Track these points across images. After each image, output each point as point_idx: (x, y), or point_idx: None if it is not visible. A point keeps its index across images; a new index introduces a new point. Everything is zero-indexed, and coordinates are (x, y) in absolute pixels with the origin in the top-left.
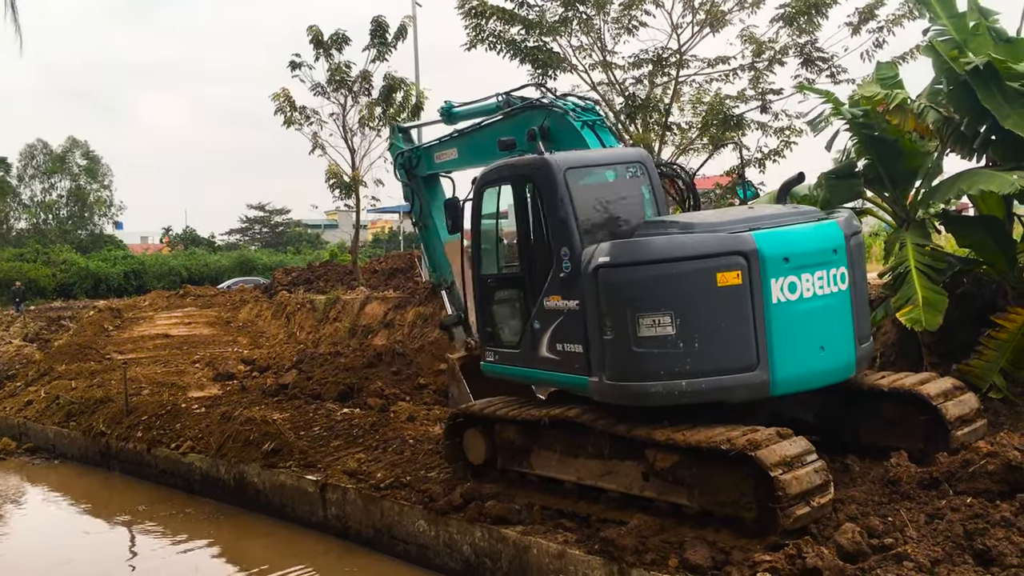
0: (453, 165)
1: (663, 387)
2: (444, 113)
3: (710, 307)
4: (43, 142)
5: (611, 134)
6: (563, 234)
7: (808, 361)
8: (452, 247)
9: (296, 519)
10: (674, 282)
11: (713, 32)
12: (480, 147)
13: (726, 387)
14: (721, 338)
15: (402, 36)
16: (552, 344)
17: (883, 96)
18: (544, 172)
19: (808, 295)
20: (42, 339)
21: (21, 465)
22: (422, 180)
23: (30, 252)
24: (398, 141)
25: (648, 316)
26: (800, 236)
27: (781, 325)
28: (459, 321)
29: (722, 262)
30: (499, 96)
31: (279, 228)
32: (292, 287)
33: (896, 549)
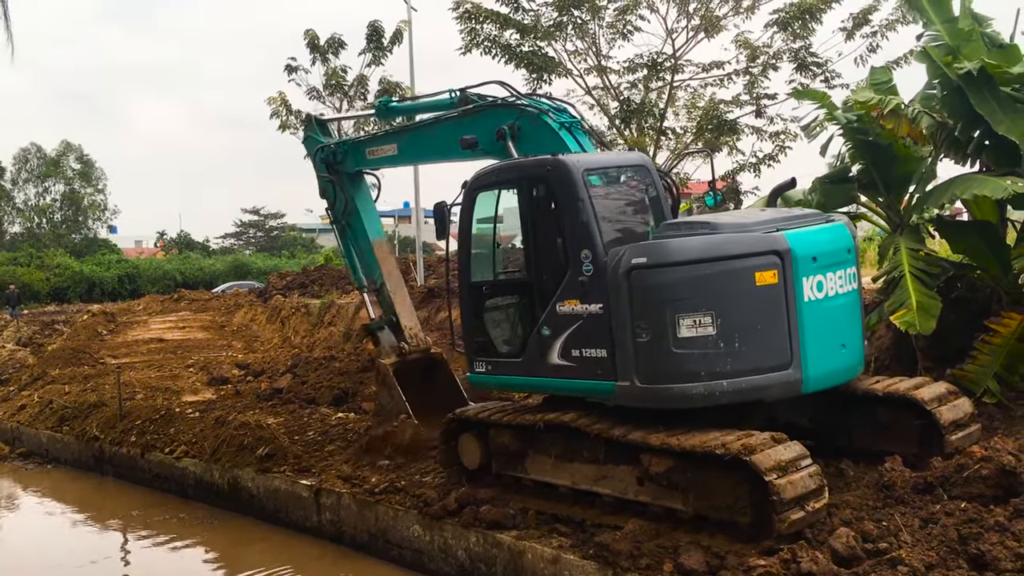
0: (390, 162)
1: (704, 388)
2: (381, 108)
3: (749, 306)
4: (37, 146)
5: (588, 137)
6: (584, 237)
7: (832, 359)
8: (381, 247)
9: (290, 524)
10: (714, 282)
11: (708, 37)
12: (428, 144)
13: (764, 386)
14: (759, 337)
15: (398, 40)
16: (566, 350)
17: (877, 101)
18: (562, 174)
19: (831, 294)
20: (36, 343)
21: (14, 470)
22: (347, 176)
23: (24, 256)
24: (315, 134)
25: (689, 316)
26: (823, 236)
27: (811, 323)
28: (388, 325)
29: (760, 261)
30: (452, 92)
31: (274, 232)
32: (287, 291)
33: (890, 554)
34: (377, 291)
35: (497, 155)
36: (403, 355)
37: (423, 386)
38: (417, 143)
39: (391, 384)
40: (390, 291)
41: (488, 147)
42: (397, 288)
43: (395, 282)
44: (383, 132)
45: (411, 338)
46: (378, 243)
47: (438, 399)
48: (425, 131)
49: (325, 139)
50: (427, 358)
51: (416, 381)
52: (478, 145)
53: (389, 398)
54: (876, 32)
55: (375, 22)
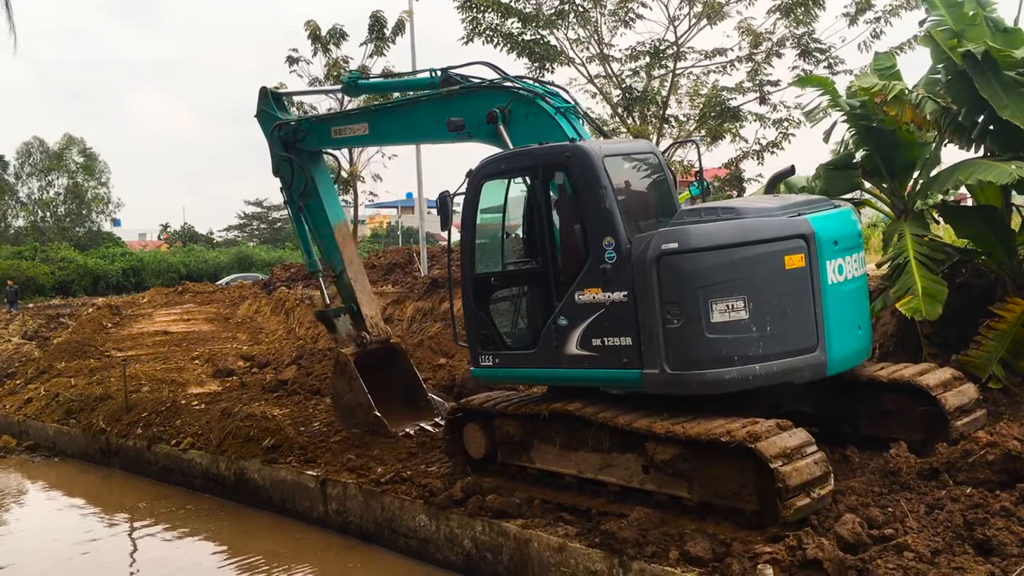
0: (358, 142)
1: (738, 372)
2: (349, 83)
3: (779, 290)
4: (40, 140)
5: (582, 122)
6: (606, 224)
7: (852, 341)
8: (342, 231)
9: (297, 515)
10: (746, 266)
11: (710, 24)
12: (406, 125)
13: (793, 368)
14: (788, 320)
15: (400, 31)
16: (586, 340)
17: (880, 87)
18: (582, 160)
19: (849, 277)
20: (41, 337)
21: (21, 463)
22: (306, 155)
23: (28, 250)
24: (271, 108)
25: (722, 301)
26: (838, 220)
27: (835, 306)
28: (346, 311)
29: (788, 245)
30: (433, 72)
31: (277, 224)
32: (291, 283)
33: (896, 540)
34: (336, 278)
35: (484, 138)
36: (363, 345)
37: (383, 376)
38: (392, 123)
39: (352, 375)
40: (351, 278)
41: (474, 130)
42: (358, 275)
43: (356, 268)
44: (353, 110)
45: (372, 327)
46: (339, 227)
47: (397, 390)
48: (403, 110)
49: (282, 114)
50: (387, 348)
51: (377, 371)
52: (464, 127)
53: (348, 389)
54: (879, 18)
55: (377, 12)
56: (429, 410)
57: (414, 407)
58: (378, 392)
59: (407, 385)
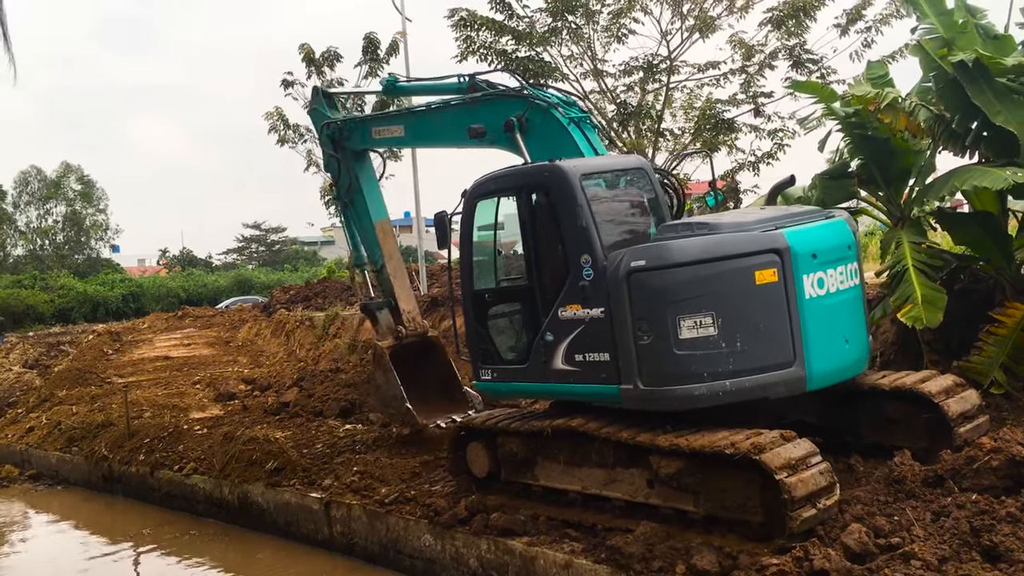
0: (396, 143)
1: (707, 388)
2: (387, 85)
3: (749, 305)
4: (37, 168)
5: (596, 132)
6: (583, 242)
7: (837, 355)
8: (384, 227)
9: (301, 537)
10: (714, 282)
11: (703, 37)
12: (436, 129)
13: (767, 384)
14: (761, 336)
15: (394, 52)
16: (570, 355)
17: (874, 95)
18: (559, 180)
19: (833, 290)
20: (42, 365)
21: (24, 492)
22: (351, 154)
23: (28, 278)
24: (322, 107)
25: (689, 317)
26: (822, 232)
27: (813, 320)
28: (386, 306)
29: (759, 260)
30: (461, 77)
31: (276, 246)
32: (291, 305)
33: (903, 548)
34: (377, 272)
35: (503, 146)
36: (400, 338)
37: (419, 369)
38: (424, 126)
39: (387, 367)
40: (390, 273)
41: (496, 137)
42: (397, 270)
43: (395, 264)
44: (392, 111)
45: (409, 322)
46: (380, 224)
47: (434, 383)
48: (433, 115)
49: (331, 113)
50: (424, 341)
51: (412, 364)
52: (486, 134)
53: (385, 381)
54: (870, 27)
55: (371, 34)
56: (464, 403)
57: (449, 399)
58: (414, 384)
59: (443, 378)
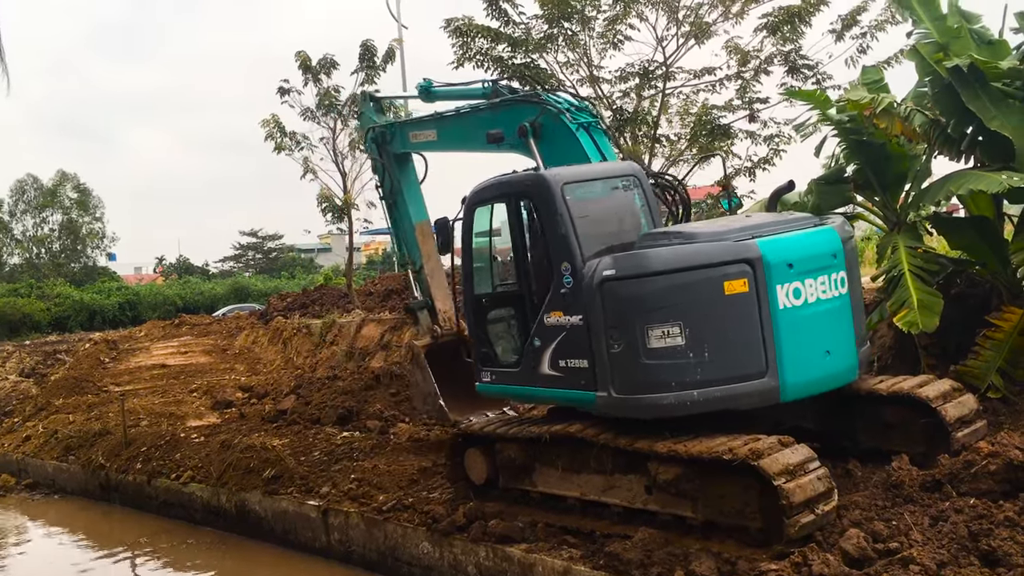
0: (430, 147)
1: (675, 398)
2: (422, 91)
3: (718, 316)
4: (33, 177)
5: (606, 137)
6: (563, 249)
7: (815, 366)
8: (423, 229)
9: (299, 545)
10: (682, 292)
11: (698, 44)
12: (462, 133)
13: (737, 395)
14: (730, 346)
15: (390, 59)
16: (555, 361)
17: (869, 100)
18: (541, 188)
19: (812, 300)
20: (38, 374)
21: (21, 501)
22: (394, 157)
23: (24, 287)
24: (369, 111)
25: (657, 327)
26: (802, 242)
27: (788, 331)
28: (425, 306)
29: (728, 270)
30: (485, 83)
31: (273, 254)
32: (288, 312)
33: (901, 553)
34: (416, 273)
35: (521, 151)
36: (436, 337)
37: (455, 367)
38: (453, 131)
39: (422, 365)
40: (428, 274)
41: (513, 142)
42: (435, 271)
43: (433, 265)
44: (426, 116)
45: (444, 321)
46: (420, 226)
47: (469, 381)
48: (459, 120)
49: (378, 117)
50: (459, 340)
51: (447, 363)
52: (504, 140)
53: (421, 379)
54: (865, 33)
55: (367, 41)
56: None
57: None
58: (449, 382)
59: None
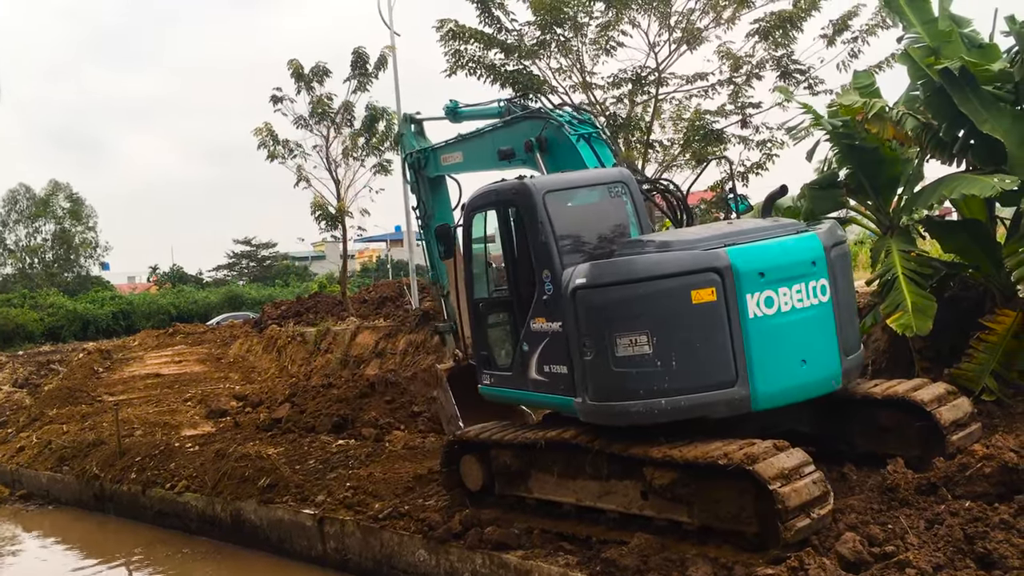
0: (459, 168)
1: (643, 406)
2: (449, 112)
3: (686, 324)
4: (25, 186)
5: (607, 146)
6: (544, 257)
7: (789, 375)
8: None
9: (295, 554)
10: (649, 301)
11: (690, 49)
12: (482, 153)
13: (706, 403)
14: (698, 355)
15: (383, 66)
16: (540, 366)
17: (861, 105)
18: (524, 197)
19: (786, 309)
20: (32, 384)
21: (15, 512)
22: (428, 181)
23: (17, 297)
24: (409, 135)
25: (625, 336)
26: (776, 250)
27: (759, 340)
28: (451, 330)
29: (696, 279)
30: (500, 102)
31: (266, 262)
32: (282, 320)
33: (897, 556)
34: (444, 297)
35: (531, 166)
36: (459, 361)
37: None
38: (475, 151)
39: (445, 388)
40: (454, 301)
41: (524, 157)
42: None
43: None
44: (453, 139)
45: (468, 347)
46: None
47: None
48: (478, 140)
49: (417, 141)
50: None
51: (471, 386)
52: (515, 156)
53: (445, 400)
54: (856, 37)
55: (360, 49)
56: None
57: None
58: (472, 405)
59: None
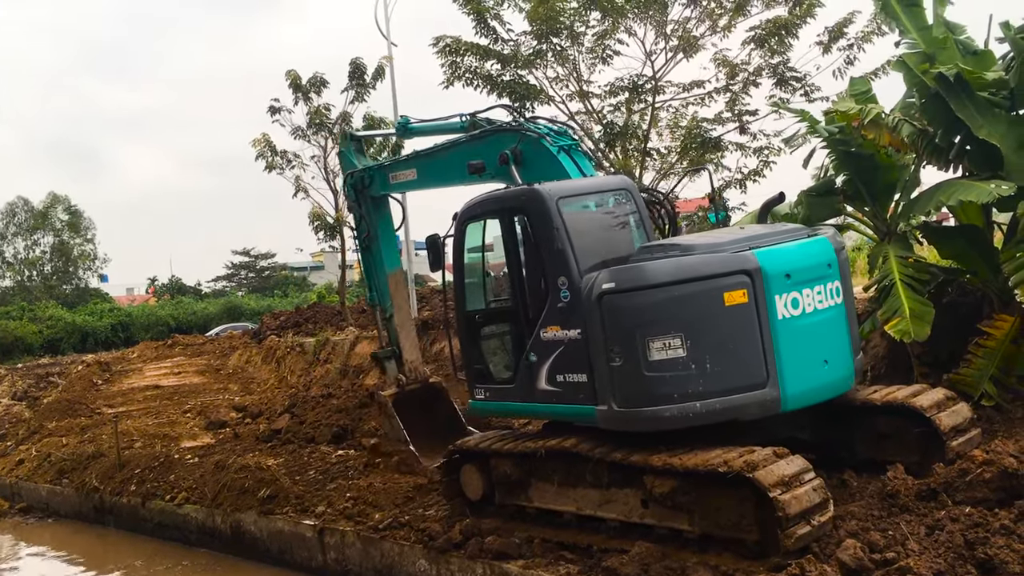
0: (411, 186)
1: (677, 410)
2: (400, 128)
3: (719, 327)
4: (24, 199)
5: (587, 159)
6: (560, 264)
7: (814, 375)
8: (395, 279)
9: (295, 565)
10: (682, 304)
11: (687, 57)
12: (443, 169)
13: (739, 406)
14: (731, 357)
15: (380, 77)
16: (552, 376)
17: (857, 111)
18: (536, 203)
19: (809, 310)
20: (31, 397)
21: (15, 525)
22: (371, 200)
23: (16, 310)
24: (349, 152)
25: (658, 339)
26: (798, 252)
27: (787, 341)
28: (393, 355)
29: (728, 281)
30: (463, 116)
31: (265, 272)
32: (281, 331)
33: (898, 563)
34: (386, 320)
35: (503, 179)
36: (402, 386)
37: (425, 415)
38: (433, 168)
39: (390, 414)
40: (397, 324)
41: (495, 171)
42: (405, 321)
43: (404, 316)
44: (405, 156)
45: (411, 371)
46: (393, 275)
47: (439, 427)
48: (439, 155)
49: (357, 159)
50: (427, 388)
51: (417, 411)
52: (485, 170)
53: (390, 427)
54: (852, 44)
55: (357, 59)
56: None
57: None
58: (421, 429)
59: (449, 420)
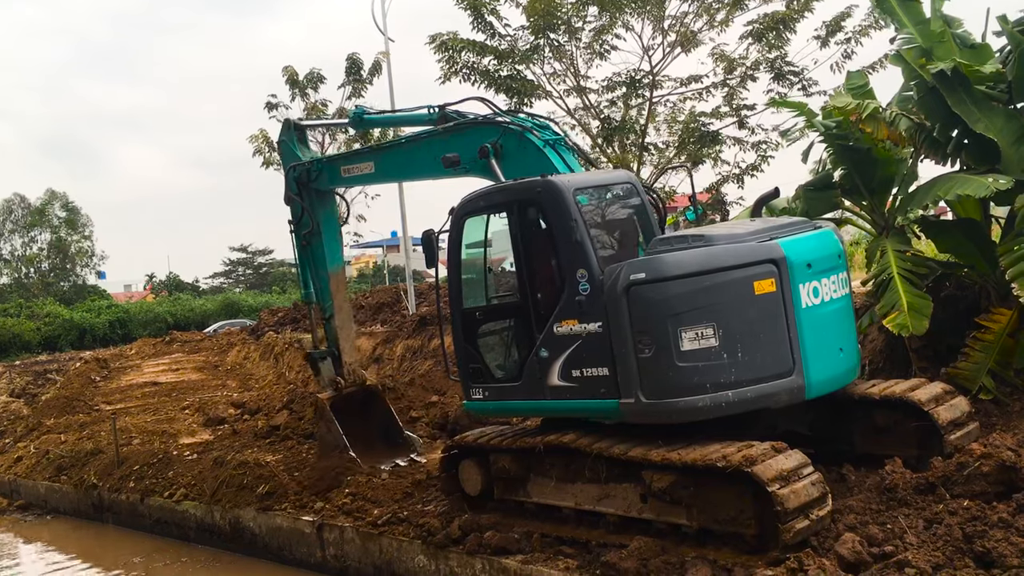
0: (366, 180)
1: (710, 399)
2: (355, 118)
3: (749, 316)
4: (21, 196)
5: (572, 153)
6: (579, 256)
7: (832, 363)
8: (338, 277)
9: (294, 561)
10: (714, 293)
11: (684, 52)
12: (408, 162)
13: (769, 394)
14: (761, 346)
15: (377, 72)
16: (566, 371)
17: (855, 106)
18: (553, 195)
19: (827, 299)
20: (29, 394)
21: (13, 523)
22: (316, 194)
23: (13, 307)
24: (292, 143)
25: (690, 329)
26: (814, 243)
27: (810, 329)
28: (329, 356)
29: (758, 270)
30: (431, 109)
31: (263, 269)
32: (279, 327)
33: (897, 556)
34: (325, 321)
35: (479, 173)
36: (339, 389)
37: (362, 418)
38: (395, 160)
39: (328, 418)
40: (337, 325)
41: (470, 165)
42: (345, 322)
43: (344, 316)
44: (361, 149)
45: (348, 373)
46: (335, 273)
47: (377, 430)
48: (404, 148)
49: (300, 150)
50: (364, 391)
51: (357, 413)
52: (460, 163)
53: (327, 431)
54: (850, 39)
55: (354, 55)
56: (406, 447)
57: (392, 445)
58: (359, 432)
59: (386, 424)
